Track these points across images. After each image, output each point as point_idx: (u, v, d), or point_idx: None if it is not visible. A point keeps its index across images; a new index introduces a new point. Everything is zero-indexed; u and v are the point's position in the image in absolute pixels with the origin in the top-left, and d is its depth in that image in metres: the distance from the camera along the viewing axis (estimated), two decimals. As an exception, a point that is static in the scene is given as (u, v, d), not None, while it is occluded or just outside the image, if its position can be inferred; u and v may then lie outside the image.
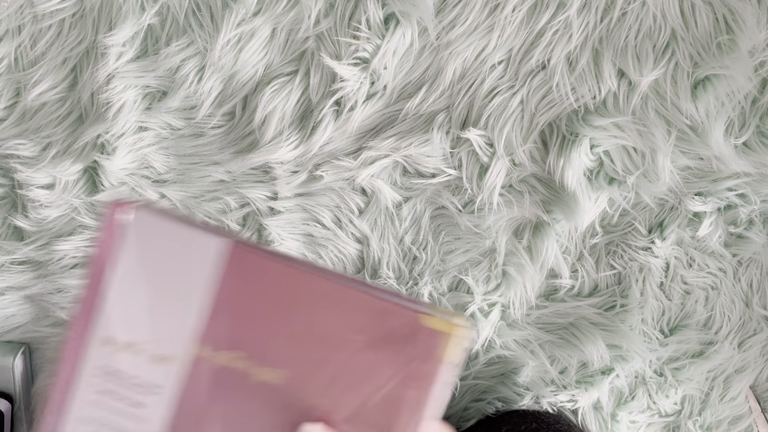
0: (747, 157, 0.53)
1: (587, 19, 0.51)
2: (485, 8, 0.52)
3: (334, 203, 0.57)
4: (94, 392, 0.28)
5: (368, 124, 0.55)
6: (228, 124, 0.56)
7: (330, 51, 0.53)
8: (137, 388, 0.28)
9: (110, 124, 0.54)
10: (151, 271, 0.27)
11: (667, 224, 0.56)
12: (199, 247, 0.28)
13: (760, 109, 0.53)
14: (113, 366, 0.28)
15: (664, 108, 0.53)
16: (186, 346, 0.28)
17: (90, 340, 0.27)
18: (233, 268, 0.28)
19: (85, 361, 0.28)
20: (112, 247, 0.27)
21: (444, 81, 0.53)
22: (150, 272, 0.27)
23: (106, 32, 0.53)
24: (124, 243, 0.27)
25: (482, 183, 0.55)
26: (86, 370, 0.28)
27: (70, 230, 0.58)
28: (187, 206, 0.58)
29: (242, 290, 0.28)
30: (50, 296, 0.60)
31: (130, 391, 0.28)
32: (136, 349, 0.28)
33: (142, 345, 0.28)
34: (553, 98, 0.53)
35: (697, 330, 0.59)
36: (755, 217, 0.56)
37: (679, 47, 0.52)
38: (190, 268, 0.28)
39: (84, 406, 0.28)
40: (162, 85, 0.54)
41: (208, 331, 0.28)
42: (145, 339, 0.28)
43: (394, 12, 0.51)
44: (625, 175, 0.54)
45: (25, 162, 0.56)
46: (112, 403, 0.28)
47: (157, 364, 0.28)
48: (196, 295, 0.28)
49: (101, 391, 0.28)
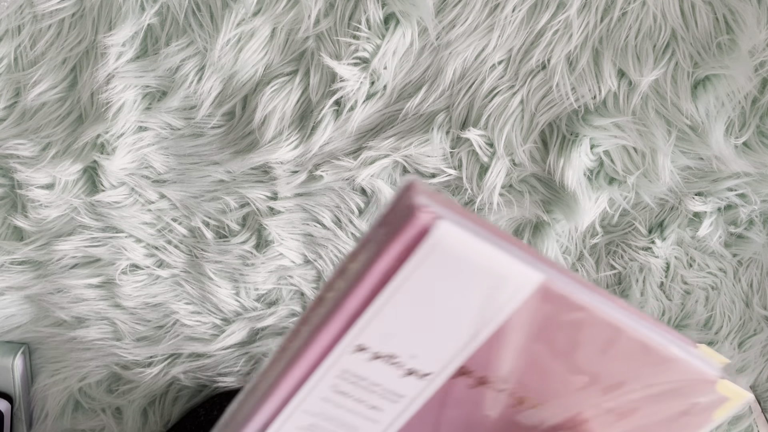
0: (747, 157, 0.53)
1: (587, 19, 0.51)
2: (485, 8, 0.52)
3: (334, 203, 0.57)
4: (330, 391, 0.25)
5: (368, 124, 0.55)
6: (228, 124, 0.56)
7: (330, 51, 0.53)
8: (378, 394, 0.25)
9: (110, 124, 0.54)
10: (436, 288, 0.23)
11: (668, 224, 0.56)
12: (500, 277, 0.23)
13: (760, 109, 0.53)
14: (361, 373, 0.25)
15: (665, 108, 0.53)
16: (447, 366, 0.25)
17: (344, 344, 0.24)
18: (530, 303, 0.24)
19: (332, 363, 0.24)
20: (404, 255, 0.22)
21: (444, 81, 0.53)
22: (435, 289, 0.23)
23: (106, 32, 0.53)
24: (418, 252, 0.22)
25: (482, 183, 0.55)
26: (330, 371, 0.25)
27: (69, 230, 0.58)
28: (187, 206, 0.58)
29: (528, 325, 0.25)
30: (50, 296, 0.60)
31: (370, 395, 0.25)
32: (391, 362, 0.25)
33: (399, 359, 0.25)
34: (554, 98, 0.53)
35: (697, 330, 0.59)
36: (755, 217, 0.56)
37: (679, 47, 0.52)
38: (483, 296, 0.23)
39: (315, 401, 0.25)
40: (162, 85, 0.54)
41: (476, 356, 0.25)
42: (405, 353, 0.24)
43: (394, 12, 0.51)
44: (626, 175, 0.54)
45: (24, 162, 0.56)
46: (345, 402, 0.26)
47: (407, 378, 0.25)
48: (480, 323, 0.24)
49: (339, 391, 0.25)
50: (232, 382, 0.62)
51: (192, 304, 0.60)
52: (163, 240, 0.59)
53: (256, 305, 0.60)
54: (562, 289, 0.24)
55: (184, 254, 0.59)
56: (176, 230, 0.58)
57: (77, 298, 0.60)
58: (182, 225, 0.58)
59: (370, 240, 0.24)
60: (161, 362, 0.62)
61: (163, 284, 0.60)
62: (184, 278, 0.60)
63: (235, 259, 0.58)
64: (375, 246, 0.23)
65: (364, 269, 0.23)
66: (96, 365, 0.62)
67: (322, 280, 0.60)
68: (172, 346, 0.61)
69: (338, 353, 0.24)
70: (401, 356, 0.24)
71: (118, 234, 0.58)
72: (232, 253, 0.58)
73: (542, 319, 0.25)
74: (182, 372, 0.62)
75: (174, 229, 0.58)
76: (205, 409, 0.60)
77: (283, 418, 0.26)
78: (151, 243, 0.59)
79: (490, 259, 0.23)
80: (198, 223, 0.58)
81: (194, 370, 0.62)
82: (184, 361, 0.62)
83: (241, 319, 0.61)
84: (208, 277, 0.59)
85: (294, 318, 0.61)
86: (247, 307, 0.60)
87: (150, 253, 0.59)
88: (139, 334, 0.61)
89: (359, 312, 0.23)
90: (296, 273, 0.59)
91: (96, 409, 0.64)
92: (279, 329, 0.61)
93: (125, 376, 0.62)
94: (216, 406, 0.60)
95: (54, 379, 0.63)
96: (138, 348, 0.61)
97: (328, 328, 0.24)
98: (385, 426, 0.26)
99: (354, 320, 0.23)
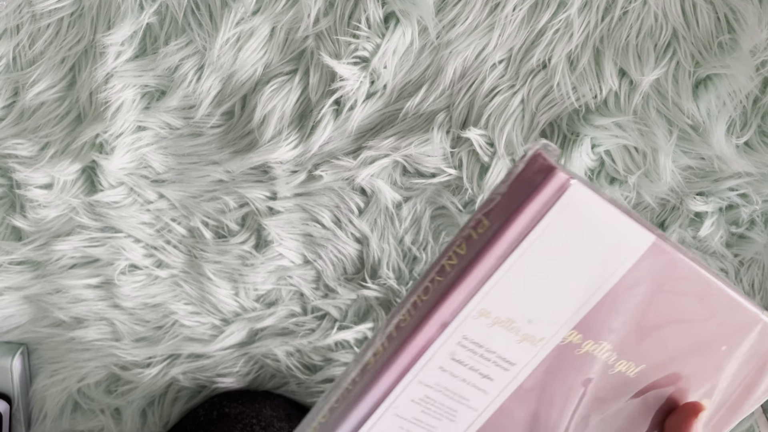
0: (748, 157, 0.53)
1: (588, 18, 0.51)
2: (485, 7, 0.51)
3: (333, 203, 0.57)
4: (448, 358, 0.25)
5: (368, 124, 0.55)
6: (227, 123, 0.55)
7: (329, 50, 0.52)
8: (492, 361, 0.26)
9: (109, 124, 0.54)
10: (556, 250, 0.24)
11: (669, 224, 0.56)
12: (620, 238, 0.24)
13: (761, 109, 0.53)
14: (479, 339, 0.25)
15: (666, 107, 0.53)
16: (558, 331, 0.26)
17: (470, 308, 0.24)
18: (640, 265, 0.25)
19: (455, 327, 0.24)
20: (536, 215, 0.23)
21: (444, 80, 0.53)
22: (555, 251, 0.24)
23: (105, 31, 0.52)
24: (549, 214, 0.23)
25: (483, 183, 0.54)
26: (451, 337, 0.24)
27: (68, 230, 0.58)
28: (186, 206, 0.57)
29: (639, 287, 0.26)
30: (49, 297, 0.60)
31: (484, 363, 0.25)
32: (509, 326, 0.25)
33: (517, 324, 0.25)
34: (554, 98, 0.53)
35: (698, 330, 0.59)
36: (757, 217, 0.56)
37: (680, 46, 0.51)
38: (601, 257, 0.24)
39: (432, 371, 0.25)
40: (161, 84, 0.54)
41: (585, 320, 0.26)
42: (523, 318, 0.25)
43: (394, 11, 0.51)
44: (627, 174, 0.54)
45: (23, 162, 0.56)
46: (460, 371, 0.26)
47: (521, 344, 0.25)
48: (594, 285, 0.25)
49: (456, 359, 0.25)
50: (232, 382, 0.62)
51: (191, 305, 0.60)
52: (162, 240, 0.58)
53: (256, 305, 0.60)
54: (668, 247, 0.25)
55: (183, 254, 0.59)
56: (175, 230, 0.58)
57: (76, 298, 0.60)
58: (181, 225, 0.58)
59: (496, 203, 0.24)
60: (160, 363, 0.61)
61: (162, 284, 0.60)
62: (183, 278, 0.59)
63: (235, 259, 0.58)
64: (506, 206, 0.23)
65: (498, 230, 0.23)
66: (95, 366, 0.62)
67: (321, 280, 0.60)
68: (171, 347, 0.61)
69: (463, 317, 0.24)
70: (519, 321, 0.25)
71: (117, 234, 0.58)
72: (232, 253, 0.58)
73: (650, 279, 0.26)
74: (181, 372, 0.62)
75: (173, 229, 0.58)
76: (205, 410, 0.60)
77: (399, 389, 0.25)
78: (150, 243, 0.58)
79: (615, 219, 0.24)
80: (197, 223, 0.58)
81: (193, 370, 0.62)
82: (184, 361, 0.62)
83: (241, 319, 0.60)
84: (207, 278, 0.59)
85: (294, 318, 0.60)
86: (246, 308, 0.60)
87: (149, 253, 0.59)
88: (138, 334, 0.61)
89: (489, 275, 0.23)
90: (296, 273, 0.59)
91: (95, 409, 0.64)
92: (278, 330, 0.61)
93: (124, 376, 0.62)
94: (215, 406, 0.60)
95: (53, 379, 0.63)
96: (137, 348, 0.61)
97: (456, 292, 0.24)
98: (494, 396, 0.26)
99: (483, 283, 0.23)
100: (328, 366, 0.62)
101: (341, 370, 0.61)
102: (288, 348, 0.61)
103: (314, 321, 0.61)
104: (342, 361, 0.61)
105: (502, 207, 0.24)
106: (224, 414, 0.58)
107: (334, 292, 0.60)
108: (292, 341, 0.61)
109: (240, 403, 0.59)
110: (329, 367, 0.62)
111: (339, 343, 0.61)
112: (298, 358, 0.62)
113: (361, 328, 0.60)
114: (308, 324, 0.61)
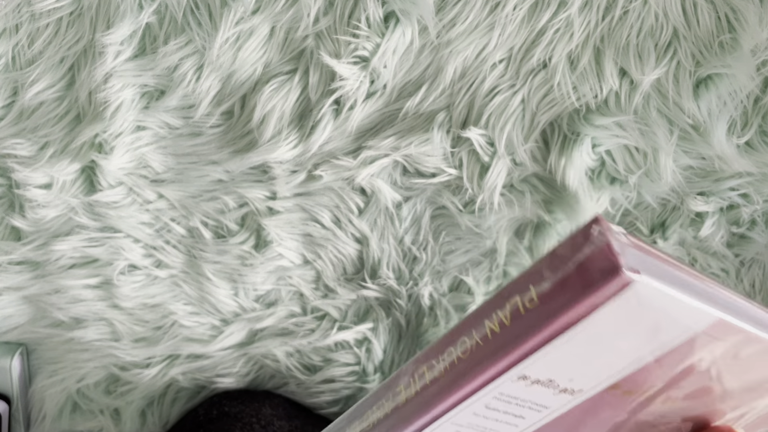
0: (749, 157, 0.53)
1: (589, 17, 0.51)
2: (486, 6, 0.51)
3: (333, 203, 0.57)
4: (482, 407, 0.25)
5: (368, 123, 0.54)
6: (226, 123, 0.55)
7: (329, 49, 0.52)
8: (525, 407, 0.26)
9: (108, 124, 0.54)
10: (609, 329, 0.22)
11: (669, 224, 0.56)
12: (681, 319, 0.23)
13: (762, 109, 0.53)
14: (518, 395, 0.25)
15: (666, 107, 0.53)
16: (599, 384, 0.25)
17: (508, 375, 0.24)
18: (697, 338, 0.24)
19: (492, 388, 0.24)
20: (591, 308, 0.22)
21: (444, 80, 0.53)
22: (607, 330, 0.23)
23: (104, 31, 0.52)
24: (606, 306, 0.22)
25: (483, 182, 0.54)
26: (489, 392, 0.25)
27: (67, 230, 0.58)
28: (185, 206, 0.57)
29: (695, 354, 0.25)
30: (48, 297, 0.60)
31: (519, 408, 0.26)
32: (548, 384, 0.25)
33: (557, 381, 0.25)
34: (555, 97, 0.53)
35: (699, 331, 0.59)
36: (758, 217, 0.56)
37: (681, 46, 0.51)
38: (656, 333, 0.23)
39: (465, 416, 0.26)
40: (160, 84, 0.54)
41: (631, 376, 0.25)
42: (562, 377, 0.24)
43: (394, 10, 0.51)
44: (627, 174, 0.54)
45: (22, 161, 0.56)
46: (493, 415, 0.26)
47: (558, 395, 0.25)
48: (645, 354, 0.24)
49: (490, 408, 0.25)
50: (231, 382, 0.62)
51: (190, 305, 0.60)
52: (161, 240, 0.58)
53: (255, 306, 0.60)
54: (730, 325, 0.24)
55: (183, 254, 0.59)
56: (174, 230, 0.58)
57: (75, 298, 0.60)
58: (180, 225, 0.58)
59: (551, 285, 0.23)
60: (159, 363, 0.61)
61: (162, 285, 0.60)
62: (183, 278, 0.59)
63: (234, 259, 0.58)
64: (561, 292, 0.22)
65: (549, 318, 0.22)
66: (94, 366, 0.62)
67: (321, 280, 0.59)
68: (170, 347, 0.61)
69: (500, 381, 0.24)
70: (559, 380, 0.25)
71: (116, 234, 0.58)
72: (231, 253, 0.58)
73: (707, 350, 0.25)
74: (181, 373, 0.62)
75: (172, 229, 0.58)
76: (204, 409, 0.60)
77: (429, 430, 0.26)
78: (150, 243, 0.58)
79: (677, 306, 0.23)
80: (196, 223, 0.57)
81: (193, 371, 0.62)
82: (183, 362, 0.62)
83: (240, 319, 0.60)
84: (207, 278, 0.58)
85: (293, 319, 0.60)
86: (245, 308, 0.60)
87: (148, 253, 0.59)
88: (138, 334, 0.61)
89: (532, 351, 0.23)
90: (295, 273, 0.59)
91: (94, 410, 0.64)
92: (278, 330, 0.61)
93: (123, 377, 0.62)
94: (215, 405, 0.60)
95: (52, 380, 0.63)
96: (136, 349, 0.61)
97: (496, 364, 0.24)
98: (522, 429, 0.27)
99: (525, 358, 0.23)
100: (328, 366, 0.62)
101: (341, 370, 0.61)
102: (288, 348, 0.61)
103: (314, 321, 0.61)
104: (342, 362, 0.61)
105: (557, 291, 0.22)
106: (224, 413, 0.58)
107: (334, 293, 0.60)
108: (291, 341, 0.61)
109: (240, 402, 0.59)
110: (329, 367, 0.62)
111: (339, 344, 0.61)
112: (297, 359, 0.62)
113: (361, 328, 0.60)
114: (308, 324, 0.60)
